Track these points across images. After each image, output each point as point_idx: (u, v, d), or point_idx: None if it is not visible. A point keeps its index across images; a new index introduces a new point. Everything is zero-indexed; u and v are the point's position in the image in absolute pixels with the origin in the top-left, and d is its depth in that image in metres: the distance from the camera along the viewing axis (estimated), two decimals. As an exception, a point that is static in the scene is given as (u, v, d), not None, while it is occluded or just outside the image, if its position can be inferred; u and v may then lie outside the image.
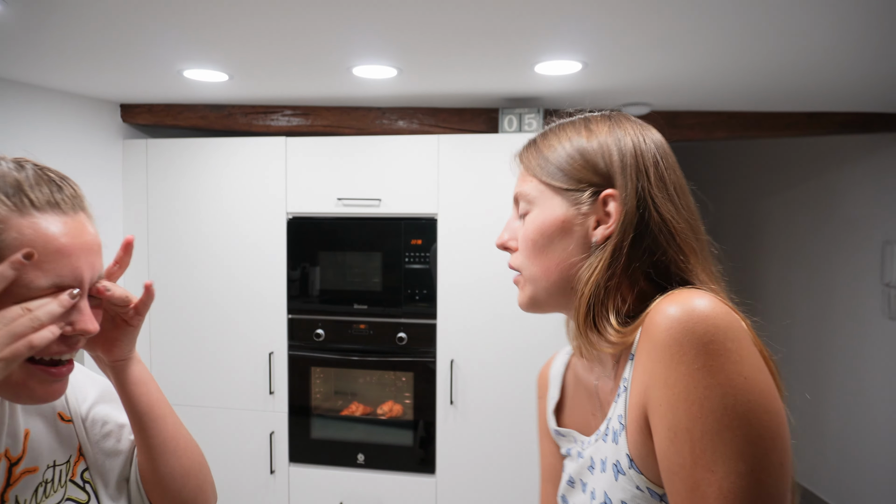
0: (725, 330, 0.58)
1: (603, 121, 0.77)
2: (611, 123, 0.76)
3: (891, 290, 2.89)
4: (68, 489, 0.76)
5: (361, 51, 1.82)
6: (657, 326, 0.61)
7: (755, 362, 0.59)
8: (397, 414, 2.56)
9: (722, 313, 0.59)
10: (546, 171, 0.75)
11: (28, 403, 0.70)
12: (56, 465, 0.75)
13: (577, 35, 1.66)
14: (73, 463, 0.78)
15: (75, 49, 1.81)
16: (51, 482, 0.74)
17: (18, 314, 0.60)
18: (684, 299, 0.61)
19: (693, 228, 0.72)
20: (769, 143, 3.81)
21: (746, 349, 0.58)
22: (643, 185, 0.71)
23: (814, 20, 1.51)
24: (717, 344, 0.57)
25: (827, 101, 2.48)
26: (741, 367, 0.57)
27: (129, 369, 0.78)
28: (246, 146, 2.57)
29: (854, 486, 3.14)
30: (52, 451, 0.76)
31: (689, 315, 0.59)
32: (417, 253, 2.48)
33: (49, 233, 0.62)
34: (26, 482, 0.71)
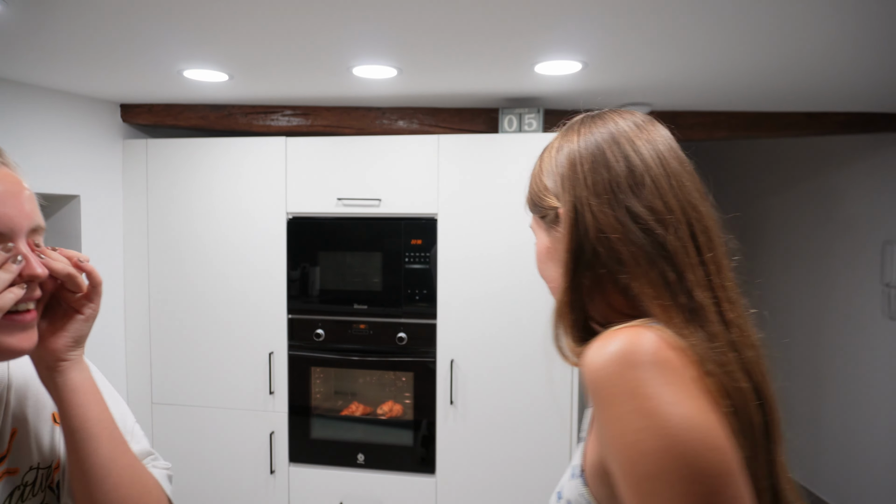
0: (654, 370, 0.56)
1: (558, 140, 0.77)
2: (563, 139, 0.75)
3: (891, 290, 2.89)
4: (46, 495, 0.73)
5: (361, 51, 1.82)
6: (585, 371, 0.59)
7: (691, 400, 0.56)
8: (397, 414, 2.56)
9: (648, 353, 0.57)
10: (530, 204, 0.80)
11: (7, 358, 0.67)
12: (39, 468, 0.73)
13: (577, 35, 1.66)
14: (53, 469, 0.75)
15: (75, 49, 1.81)
16: (30, 485, 0.72)
17: None
18: (610, 342, 0.59)
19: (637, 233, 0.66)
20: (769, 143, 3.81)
21: (680, 387, 0.56)
22: (579, 194, 0.69)
23: (814, 20, 1.51)
24: (646, 386, 0.55)
25: (827, 101, 2.48)
26: (675, 407, 0.54)
27: (69, 373, 0.71)
28: (246, 146, 2.57)
29: (854, 486, 3.14)
30: (37, 454, 0.73)
31: (613, 359, 0.57)
32: (417, 253, 2.48)
33: None
34: (5, 483, 0.69)
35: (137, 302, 2.68)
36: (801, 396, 3.57)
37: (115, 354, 2.67)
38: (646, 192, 0.67)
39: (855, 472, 3.14)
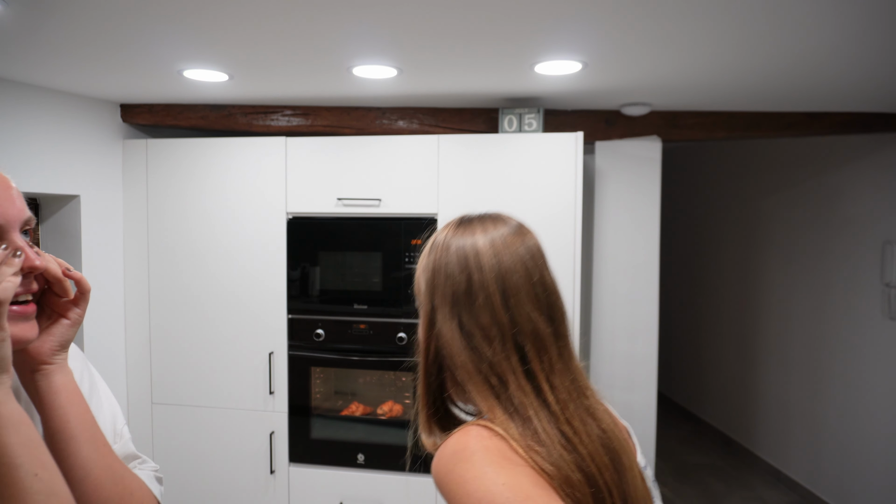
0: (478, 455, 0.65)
1: (441, 232, 0.85)
2: (441, 233, 0.84)
3: (891, 290, 2.89)
4: None
5: (361, 51, 1.82)
6: (432, 471, 0.69)
7: (511, 470, 0.64)
8: (397, 414, 2.56)
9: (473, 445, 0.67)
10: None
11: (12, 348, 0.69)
12: None
13: (577, 35, 1.66)
14: None
15: (75, 49, 1.81)
16: None
17: None
18: (445, 446, 0.69)
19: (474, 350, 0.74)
20: (769, 143, 3.81)
21: (502, 464, 0.64)
22: (434, 300, 0.78)
23: (814, 20, 1.51)
24: (473, 470, 0.64)
25: (827, 101, 2.48)
26: (497, 478, 0.63)
27: (53, 377, 0.73)
28: (246, 146, 2.57)
29: (854, 486, 3.14)
30: None
31: (446, 459, 0.67)
32: (417, 253, 2.48)
33: None
34: None
35: (137, 301, 2.68)
36: (801, 396, 3.57)
37: (116, 354, 2.67)
38: (475, 309, 0.75)
39: (855, 472, 3.14)
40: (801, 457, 3.56)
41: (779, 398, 3.76)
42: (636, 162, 2.72)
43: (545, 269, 0.79)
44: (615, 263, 2.75)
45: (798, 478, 3.57)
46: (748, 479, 3.81)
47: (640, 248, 2.74)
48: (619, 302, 2.75)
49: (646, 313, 2.74)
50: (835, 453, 3.28)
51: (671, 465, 4.01)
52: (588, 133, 2.66)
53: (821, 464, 3.38)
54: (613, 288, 2.75)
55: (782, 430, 3.73)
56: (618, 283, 2.75)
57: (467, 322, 0.75)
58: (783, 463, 3.72)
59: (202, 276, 2.62)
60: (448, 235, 0.81)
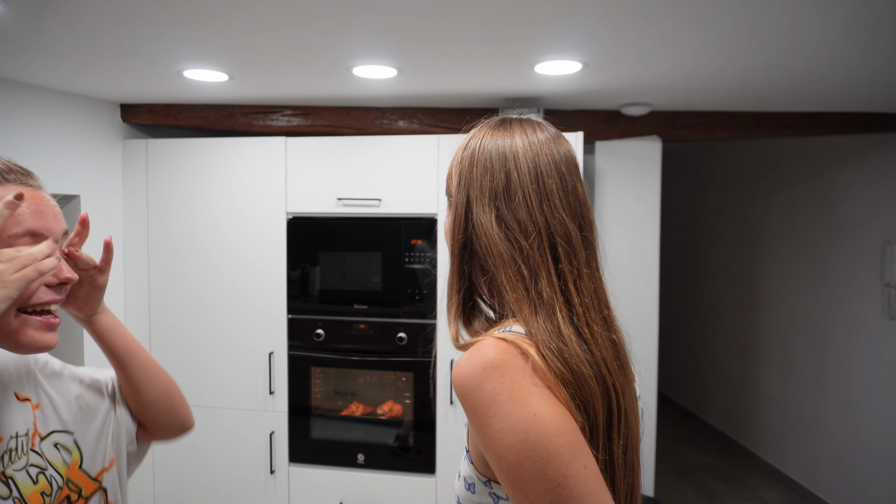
0: (504, 380, 0.66)
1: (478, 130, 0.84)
2: (478, 132, 0.84)
3: (891, 290, 2.89)
4: (30, 457, 0.86)
5: (361, 51, 1.83)
6: (455, 382, 0.69)
7: (541, 399, 0.66)
8: (397, 414, 2.56)
9: (498, 365, 0.67)
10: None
11: (27, 352, 0.80)
12: (18, 436, 0.85)
13: (577, 35, 1.66)
14: (32, 435, 0.88)
15: (75, 49, 1.81)
16: (15, 450, 0.84)
17: (13, 254, 0.73)
18: (469, 359, 0.69)
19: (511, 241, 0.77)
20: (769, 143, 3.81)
21: (526, 389, 0.66)
22: (469, 191, 0.80)
23: (814, 20, 1.51)
24: (499, 394, 0.65)
25: (828, 101, 2.48)
26: (528, 407, 0.65)
27: (102, 321, 0.97)
28: (246, 146, 2.57)
29: (854, 486, 3.14)
30: (13, 423, 0.86)
31: (472, 374, 0.67)
32: (417, 253, 2.48)
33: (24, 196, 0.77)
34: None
35: (137, 301, 2.68)
36: (801, 396, 3.57)
37: (115, 354, 2.67)
38: (514, 205, 0.78)
39: (855, 472, 3.14)
40: (801, 457, 3.56)
41: (779, 398, 3.76)
42: (636, 162, 2.72)
43: (578, 180, 0.81)
44: (615, 263, 2.74)
45: (798, 478, 3.57)
46: (748, 479, 3.81)
47: (640, 248, 2.74)
48: (619, 302, 2.74)
49: (646, 313, 2.74)
50: (835, 453, 3.28)
51: (671, 465, 4.01)
52: (588, 133, 2.66)
53: (821, 464, 3.38)
54: (613, 287, 2.75)
55: (782, 430, 3.73)
56: (618, 283, 2.74)
57: (505, 215, 0.77)
58: (783, 463, 3.72)
59: (203, 277, 2.62)
60: (487, 133, 0.82)
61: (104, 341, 0.97)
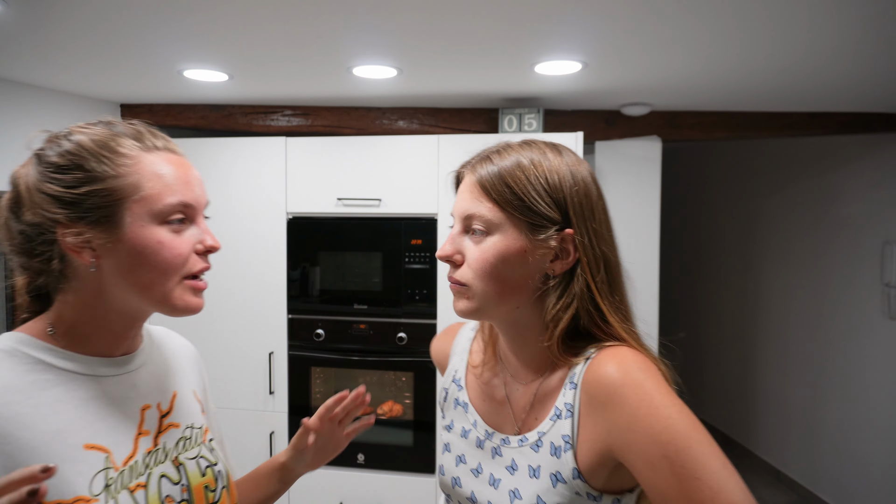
0: (658, 376, 0.73)
1: (555, 153, 0.82)
2: (562, 158, 0.82)
3: (891, 290, 2.89)
4: (201, 449, 0.88)
5: (361, 51, 1.83)
6: (608, 379, 0.73)
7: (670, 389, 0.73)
8: (397, 414, 2.56)
9: (647, 361, 0.75)
10: (510, 202, 0.78)
11: (181, 314, 0.82)
12: (194, 427, 0.89)
13: (577, 35, 1.66)
14: (204, 430, 0.91)
15: (75, 49, 1.81)
16: (189, 439, 0.87)
17: None
18: (622, 359, 0.74)
19: (617, 260, 0.83)
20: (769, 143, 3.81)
21: (667, 385, 0.73)
22: (590, 224, 0.80)
23: (814, 20, 1.51)
24: (661, 386, 0.71)
25: (828, 101, 2.48)
26: (674, 396, 0.71)
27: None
28: (246, 146, 2.57)
29: (853, 486, 3.14)
30: (190, 415, 0.89)
31: (632, 371, 0.72)
32: (417, 253, 2.48)
33: (173, 165, 0.78)
34: (171, 434, 0.84)
35: (137, 302, 2.68)
36: (800, 396, 3.57)
37: (115, 354, 2.67)
38: (611, 227, 0.84)
39: (855, 472, 3.14)
40: (800, 457, 3.56)
41: (779, 398, 3.76)
42: (636, 162, 2.72)
43: None
44: (615, 263, 2.75)
45: (798, 478, 3.57)
46: (748, 479, 3.80)
47: (640, 248, 2.74)
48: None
49: (646, 313, 2.74)
50: (835, 453, 3.28)
51: (671, 465, 4.00)
52: (588, 133, 2.66)
53: (821, 464, 3.38)
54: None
55: (782, 430, 3.73)
56: (618, 283, 2.74)
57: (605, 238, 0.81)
58: (783, 463, 3.72)
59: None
60: (568, 152, 0.84)
61: (288, 483, 1.03)
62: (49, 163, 0.76)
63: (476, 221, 0.80)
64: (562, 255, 0.79)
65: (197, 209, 0.79)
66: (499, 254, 0.78)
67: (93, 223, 0.73)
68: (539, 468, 0.78)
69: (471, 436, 0.89)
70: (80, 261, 0.74)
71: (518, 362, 0.86)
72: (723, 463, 0.66)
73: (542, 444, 0.79)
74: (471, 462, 0.87)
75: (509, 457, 0.82)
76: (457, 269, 0.82)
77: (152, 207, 0.74)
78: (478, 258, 0.79)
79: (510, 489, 0.80)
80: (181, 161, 0.80)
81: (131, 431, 0.78)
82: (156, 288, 0.76)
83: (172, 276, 0.77)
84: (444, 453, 0.93)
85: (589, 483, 0.75)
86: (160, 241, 0.74)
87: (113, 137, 0.76)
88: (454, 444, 0.92)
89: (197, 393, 0.95)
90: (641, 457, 0.68)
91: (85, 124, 0.79)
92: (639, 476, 0.70)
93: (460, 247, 0.82)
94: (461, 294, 0.83)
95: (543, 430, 0.79)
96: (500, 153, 0.83)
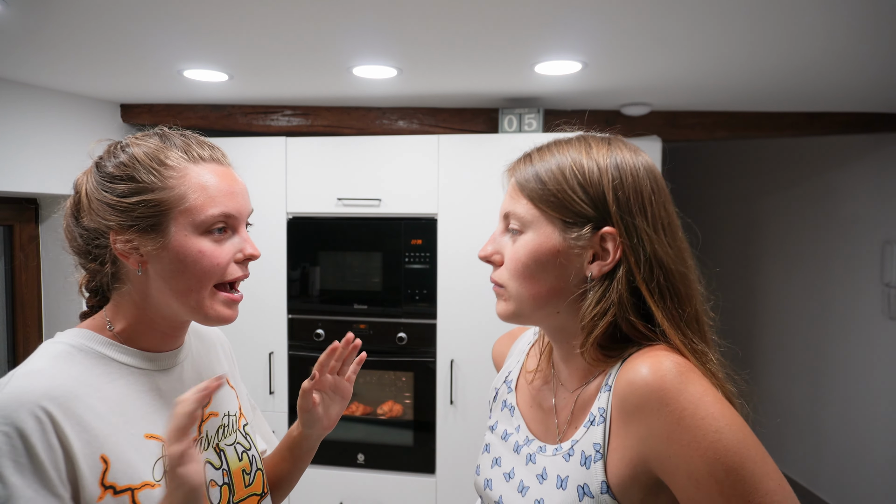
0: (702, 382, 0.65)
1: (602, 147, 0.76)
2: (610, 151, 0.75)
3: (891, 290, 2.89)
4: (237, 436, 0.94)
5: (361, 51, 1.82)
6: (647, 387, 0.65)
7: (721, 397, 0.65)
8: (397, 414, 2.56)
9: (688, 364, 0.67)
10: (543, 198, 0.74)
11: (212, 324, 0.83)
12: (230, 414, 0.94)
13: (577, 35, 1.66)
14: (238, 416, 0.96)
15: (75, 49, 1.81)
16: (227, 427, 0.92)
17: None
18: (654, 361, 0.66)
19: (681, 267, 0.74)
20: (769, 143, 3.81)
21: (715, 393, 0.65)
22: (639, 223, 0.72)
23: (815, 20, 1.51)
24: (706, 395, 0.63)
25: (828, 101, 2.48)
26: (725, 406, 0.64)
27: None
28: (246, 146, 2.57)
29: (854, 486, 3.14)
30: (227, 403, 0.94)
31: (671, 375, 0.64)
32: (417, 253, 2.48)
33: (217, 176, 0.81)
34: (212, 423, 0.89)
35: (137, 302, 2.68)
36: (801, 396, 3.57)
37: (116, 354, 2.67)
38: (676, 227, 0.76)
39: (855, 472, 3.14)
40: (801, 457, 3.56)
41: (779, 398, 3.76)
42: (636, 162, 2.72)
43: None
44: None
45: (798, 478, 3.56)
46: (748, 479, 3.80)
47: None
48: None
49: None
50: (835, 453, 3.28)
51: (671, 465, 4.00)
52: (588, 133, 2.65)
53: (821, 464, 3.38)
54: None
55: (782, 430, 3.73)
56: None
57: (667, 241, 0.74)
58: (783, 463, 3.72)
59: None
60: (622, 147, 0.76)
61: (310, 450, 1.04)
62: (105, 172, 0.80)
63: (512, 220, 0.77)
64: (601, 256, 0.73)
65: (239, 219, 0.83)
66: (530, 252, 0.74)
67: (141, 231, 0.77)
68: (567, 479, 0.72)
69: (511, 440, 0.85)
70: (129, 265, 0.79)
71: (567, 370, 0.80)
72: (778, 484, 0.60)
73: (574, 452, 0.73)
74: (505, 466, 0.83)
75: (542, 465, 0.77)
76: (497, 269, 0.79)
77: (195, 218, 0.78)
78: (511, 257, 0.76)
79: (536, 498, 0.75)
80: (226, 172, 0.83)
81: None
82: (192, 295, 0.80)
83: (208, 284, 0.80)
84: (483, 453, 0.89)
85: (619, 501, 0.68)
86: (201, 250, 0.79)
87: (163, 150, 0.80)
88: (494, 445, 0.88)
89: (230, 380, 0.99)
90: (683, 472, 0.62)
91: (141, 135, 0.84)
92: (679, 493, 0.64)
93: (500, 246, 0.79)
94: (500, 296, 0.80)
95: (577, 438, 0.74)
96: (542, 150, 0.79)
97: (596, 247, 0.73)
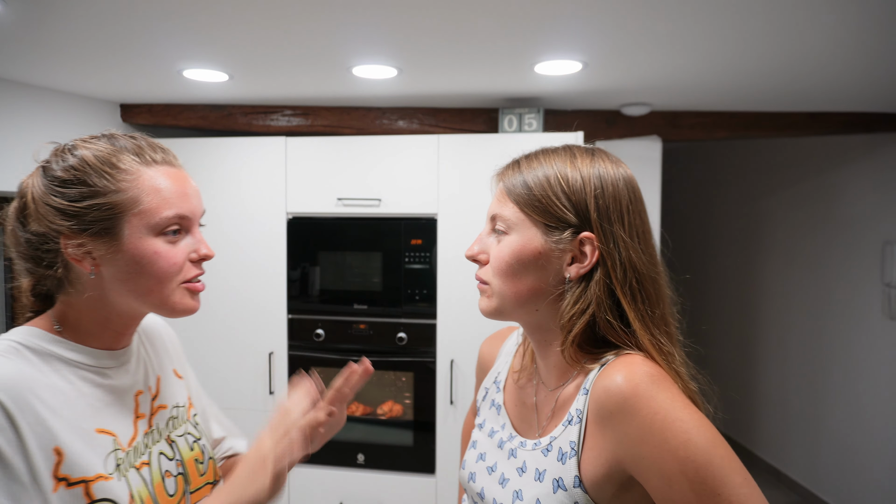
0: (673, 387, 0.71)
1: (585, 158, 0.82)
2: (593, 162, 0.81)
3: (891, 290, 2.89)
4: (187, 426, 0.95)
5: (361, 51, 1.83)
6: (621, 392, 0.70)
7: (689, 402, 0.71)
8: (397, 414, 2.56)
9: (661, 372, 0.72)
10: (529, 203, 0.80)
11: (179, 316, 0.86)
12: (179, 406, 0.96)
13: (577, 35, 1.66)
14: (187, 407, 0.98)
15: (75, 49, 1.81)
16: (176, 418, 0.94)
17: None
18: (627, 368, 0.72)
19: (652, 272, 0.80)
20: (769, 143, 3.81)
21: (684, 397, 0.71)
22: (616, 230, 0.78)
23: (815, 20, 1.51)
24: (675, 399, 0.69)
25: (828, 101, 2.48)
26: (693, 410, 0.69)
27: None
28: (246, 146, 2.57)
29: (853, 486, 3.14)
30: (175, 395, 0.96)
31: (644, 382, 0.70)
32: (417, 253, 2.48)
33: (171, 179, 0.83)
34: (161, 415, 0.91)
35: (137, 302, 2.68)
36: (801, 396, 3.57)
37: (115, 354, 2.67)
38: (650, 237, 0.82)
39: (855, 472, 3.14)
40: (801, 457, 3.56)
41: (779, 398, 3.76)
42: (636, 162, 2.72)
43: None
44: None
45: (798, 478, 3.56)
46: (748, 479, 3.80)
47: (640, 248, 2.73)
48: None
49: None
50: (835, 453, 3.28)
51: (671, 465, 4.00)
52: (588, 133, 2.66)
53: (821, 464, 3.38)
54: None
55: (782, 430, 3.73)
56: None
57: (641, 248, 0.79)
58: (783, 463, 3.72)
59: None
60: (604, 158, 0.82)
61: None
62: (54, 176, 0.80)
63: (499, 222, 0.83)
64: (579, 259, 0.78)
65: (192, 220, 0.85)
66: (514, 253, 0.79)
67: (94, 235, 0.77)
68: (545, 472, 0.78)
69: (496, 437, 0.90)
70: (81, 268, 0.79)
71: (545, 367, 0.86)
72: (744, 478, 0.65)
73: (552, 448, 0.79)
74: (489, 461, 0.88)
75: (522, 459, 0.83)
76: (482, 267, 0.85)
77: (150, 220, 0.79)
78: (496, 256, 0.82)
79: (515, 489, 0.81)
80: (179, 174, 0.85)
81: (130, 416, 0.85)
82: (154, 293, 0.81)
83: (168, 283, 0.82)
84: (470, 449, 0.95)
85: (590, 495, 0.74)
86: (157, 251, 0.80)
87: (114, 153, 0.80)
88: (480, 441, 0.93)
89: (177, 370, 1.01)
90: (656, 472, 0.67)
91: (89, 138, 0.84)
92: (653, 492, 0.68)
93: (486, 246, 0.85)
94: (483, 292, 0.85)
95: (555, 434, 0.79)
96: (530, 158, 0.85)
97: (575, 250, 0.78)
